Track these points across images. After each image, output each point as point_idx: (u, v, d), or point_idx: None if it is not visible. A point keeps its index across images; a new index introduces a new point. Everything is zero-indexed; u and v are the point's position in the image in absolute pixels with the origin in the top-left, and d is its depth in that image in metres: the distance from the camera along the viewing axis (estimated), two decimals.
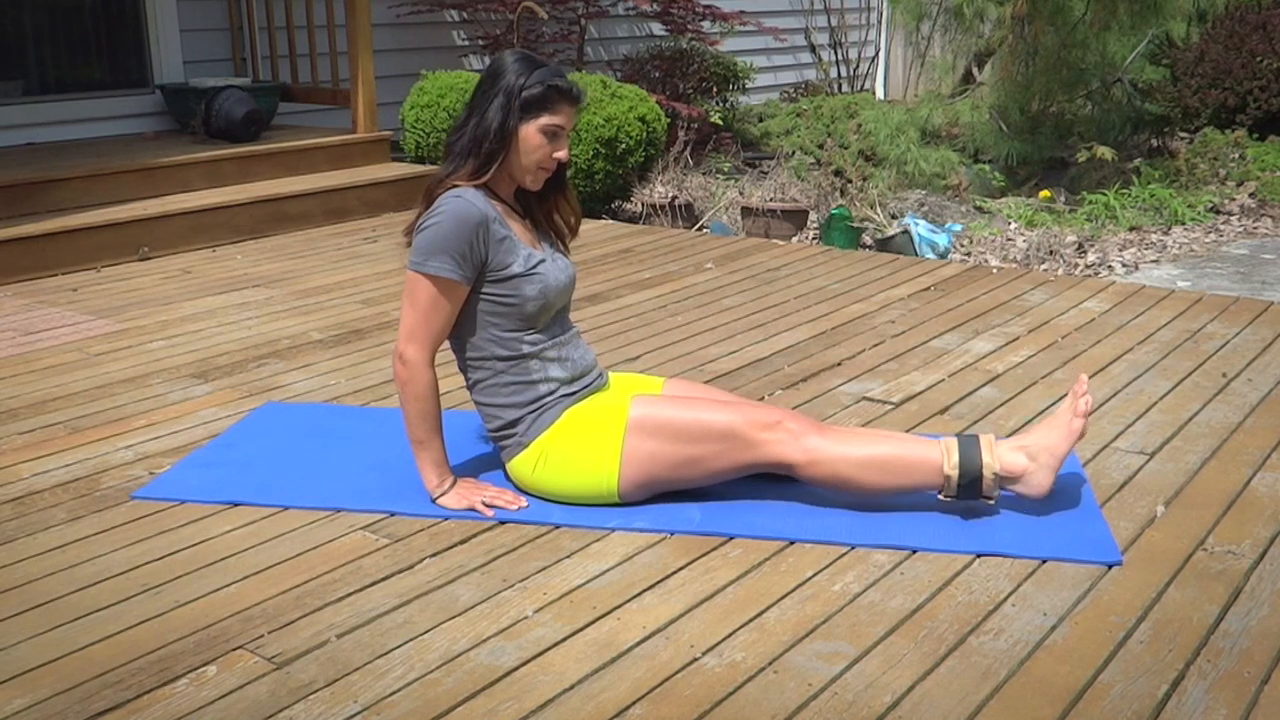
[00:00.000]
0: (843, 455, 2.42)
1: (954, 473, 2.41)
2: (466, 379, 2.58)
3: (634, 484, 2.47)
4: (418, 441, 2.49)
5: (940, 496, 2.45)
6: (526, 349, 2.50)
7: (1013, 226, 6.06)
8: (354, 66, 5.96)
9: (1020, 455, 2.44)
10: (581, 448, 2.47)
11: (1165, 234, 5.96)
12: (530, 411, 2.51)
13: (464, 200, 2.42)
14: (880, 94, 10.08)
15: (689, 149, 6.56)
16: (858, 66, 10.07)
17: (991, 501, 2.46)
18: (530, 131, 2.45)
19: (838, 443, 2.44)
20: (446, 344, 2.58)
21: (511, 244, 2.47)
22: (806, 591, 2.19)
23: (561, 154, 2.49)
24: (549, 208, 2.62)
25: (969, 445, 2.43)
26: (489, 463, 2.74)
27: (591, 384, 2.59)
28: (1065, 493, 2.57)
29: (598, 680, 1.92)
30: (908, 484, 2.44)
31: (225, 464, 2.77)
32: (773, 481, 2.61)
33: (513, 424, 2.52)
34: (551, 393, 2.51)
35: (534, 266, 2.48)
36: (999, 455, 2.43)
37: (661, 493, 2.52)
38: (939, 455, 2.43)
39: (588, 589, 2.21)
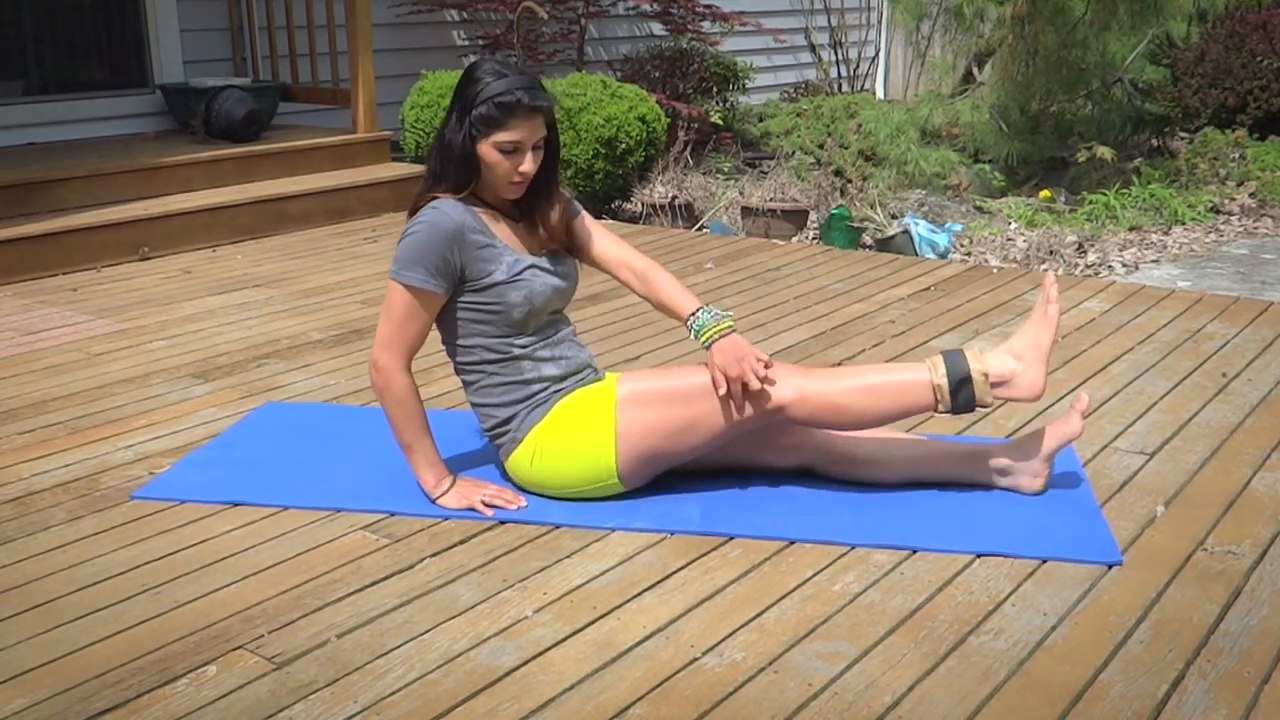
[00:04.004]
0: (832, 386, 2.44)
1: (943, 381, 2.42)
2: (461, 380, 2.58)
3: (632, 461, 2.47)
4: (407, 445, 2.50)
5: (938, 411, 2.46)
6: (517, 351, 2.51)
7: (1013, 226, 6.06)
8: (354, 66, 5.96)
9: (1006, 357, 2.47)
10: (576, 434, 2.47)
11: (1165, 234, 5.96)
12: (524, 407, 2.51)
13: (440, 212, 2.42)
14: (880, 94, 10.08)
15: (689, 149, 6.56)
16: (858, 66, 10.07)
17: (988, 408, 2.46)
18: (486, 150, 2.42)
19: (824, 378, 2.47)
20: (442, 347, 2.59)
21: (494, 252, 2.46)
22: (806, 591, 2.20)
23: (524, 168, 2.44)
24: (534, 211, 2.58)
25: (954, 355, 2.47)
26: (486, 462, 2.74)
27: (584, 380, 2.59)
28: (1065, 493, 2.57)
29: (598, 680, 1.92)
30: (900, 405, 2.45)
31: (225, 464, 2.77)
32: (773, 481, 2.61)
33: (506, 421, 2.52)
34: (544, 389, 2.52)
35: (519, 273, 2.47)
36: (985, 360, 2.46)
37: (662, 472, 2.52)
38: (926, 371, 2.46)
39: (588, 589, 2.21)
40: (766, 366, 2.42)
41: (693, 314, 2.52)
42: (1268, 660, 1.97)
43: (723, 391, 2.42)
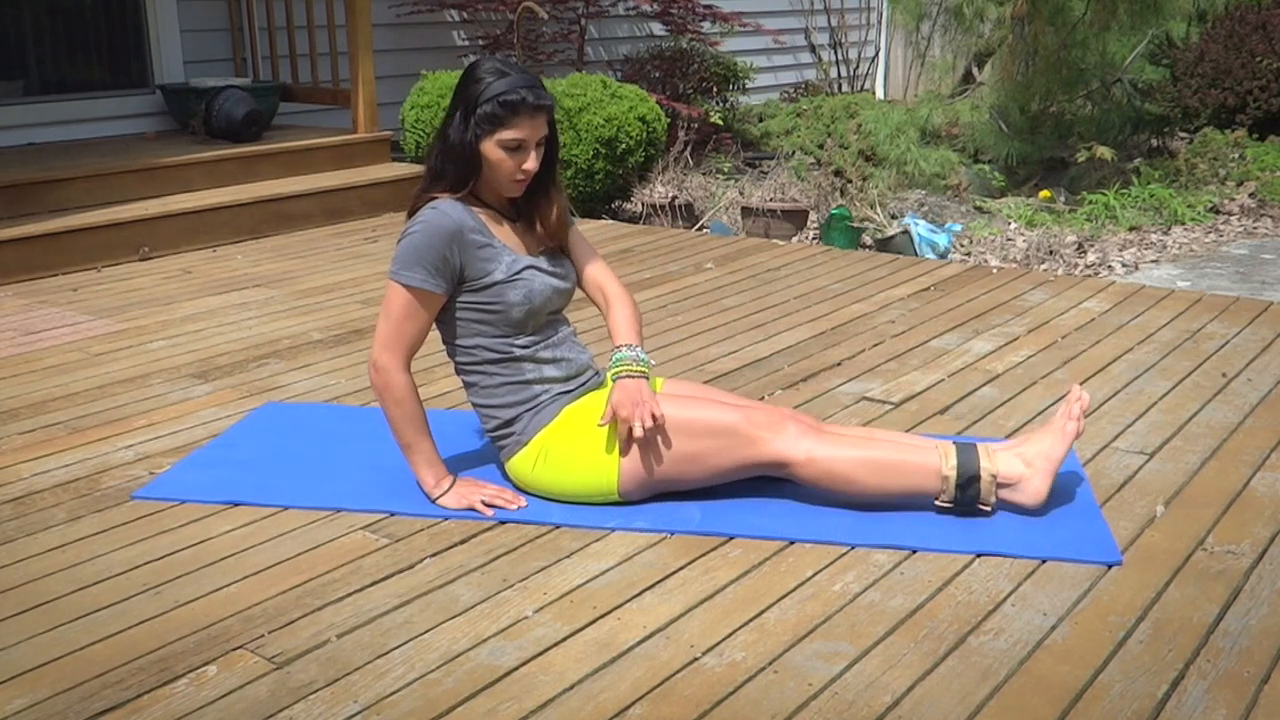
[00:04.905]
0: (841, 455, 2.43)
1: (952, 474, 2.41)
2: (463, 382, 2.58)
3: (634, 481, 2.47)
4: (406, 445, 2.50)
5: (938, 502, 2.45)
6: (518, 352, 2.51)
7: (1013, 226, 6.06)
8: (354, 66, 5.96)
9: (1016, 461, 2.46)
10: (581, 445, 2.47)
11: (1165, 234, 5.96)
12: (527, 410, 2.51)
13: (439, 212, 2.43)
14: (880, 94, 10.08)
15: (689, 149, 6.56)
16: (858, 66, 10.07)
17: (988, 510, 2.46)
18: (490, 148, 2.42)
19: (836, 443, 2.45)
20: (443, 348, 2.60)
21: (492, 252, 2.47)
22: (806, 591, 2.20)
23: (528, 165, 2.45)
24: (534, 210, 2.59)
25: (966, 449, 2.45)
26: (486, 462, 2.74)
27: (587, 383, 2.59)
28: (1065, 493, 2.57)
29: (598, 680, 1.92)
30: (905, 486, 2.45)
31: (225, 464, 2.77)
32: (773, 482, 2.61)
33: (509, 423, 2.52)
34: (546, 391, 2.52)
35: (518, 272, 2.48)
36: (995, 460, 2.45)
37: (662, 492, 2.53)
38: (937, 458, 2.44)
39: (588, 589, 2.21)
40: (655, 422, 2.40)
41: (618, 346, 2.54)
42: (1267, 660, 1.97)
43: (603, 424, 2.43)
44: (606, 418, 2.43)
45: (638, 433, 2.39)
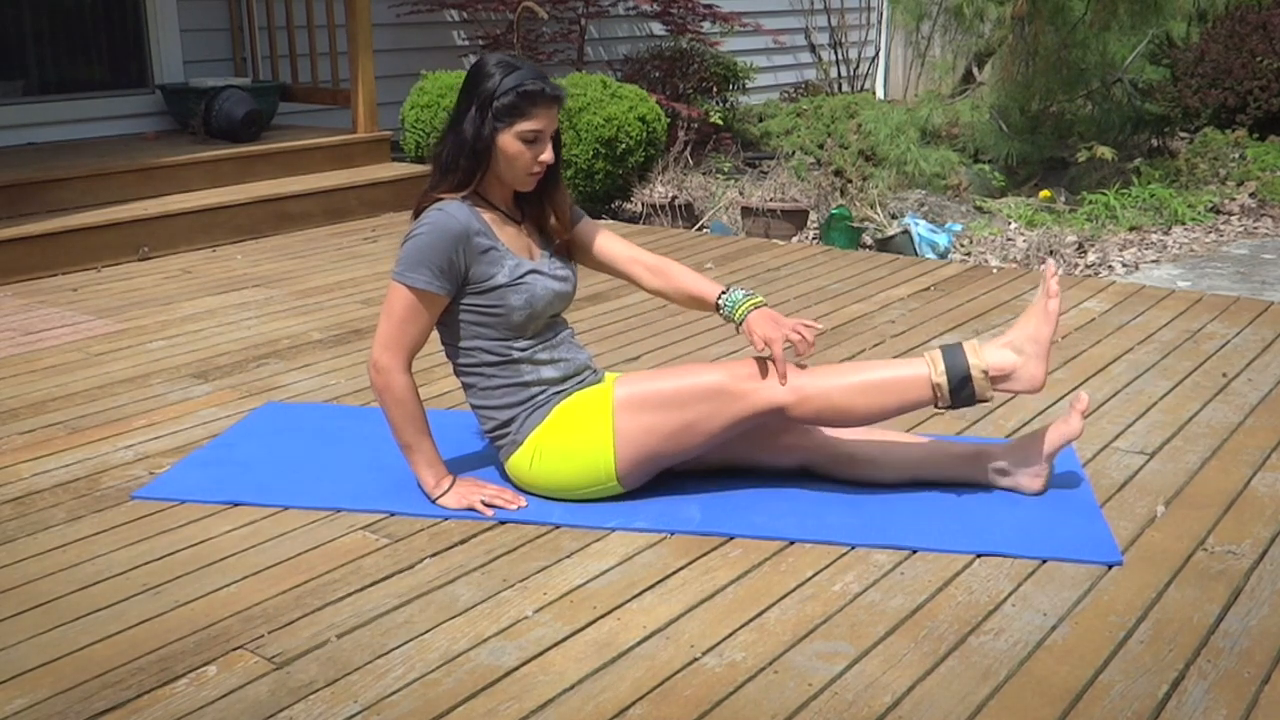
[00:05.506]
0: (832, 384, 2.44)
1: (942, 379, 2.42)
2: (461, 383, 2.58)
3: (632, 463, 2.47)
4: (406, 445, 2.50)
5: (937, 407, 2.47)
6: (516, 354, 2.51)
7: (1013, 226, 6.06)
8: (354, 66, 5.96)
9: (1005, 351, 2.47)
10: (574, 436, 2.47)
11: (1165, 234, 5.96)
12: (523, 410, 2.51)
13: (445, 214, 2.43)
14: (880, 94, 10.08)
15: (689, 149, 6.56)
16: (858, 66, 10.07)
17: (989, 401, 2.46)
18: (508, 140, 2.43)
19: (824, 376, 2.46)
20: (441, 348, 2.60)
21: (496, 255, 2.47)
22: (806, 591, 2.20)
23: (545, 156, 2.47)
24: (538, 210, 2.60)
25: (953, 351, 2.46)
26: (486, 462, 2.74)
27: (584, 382, 2.59)
28: (1065, 493, 2.57)
29: (598, 680, 1.92)
30: (901, 402, 2.46)
31: (225, 464, 2.77)
32: (773, 481, 2.61)
33: (506, 423, 2.52)
34: (543, 391, 2.52)
35: (521, 276, 2.48)
36: (984, 355, 2.45)
37: (662, 471, 2.52)
38: (925, 368, 2.45)
39: (588, 589, 2.21)
40: (809, 328, 2.47)
41: (723, 293, 2.57)
42: (1268, 660, 1.97)
43: (760, 353, 2.44)
44: (760, 348, 2.45)
45: (795, 338, 2.43)
